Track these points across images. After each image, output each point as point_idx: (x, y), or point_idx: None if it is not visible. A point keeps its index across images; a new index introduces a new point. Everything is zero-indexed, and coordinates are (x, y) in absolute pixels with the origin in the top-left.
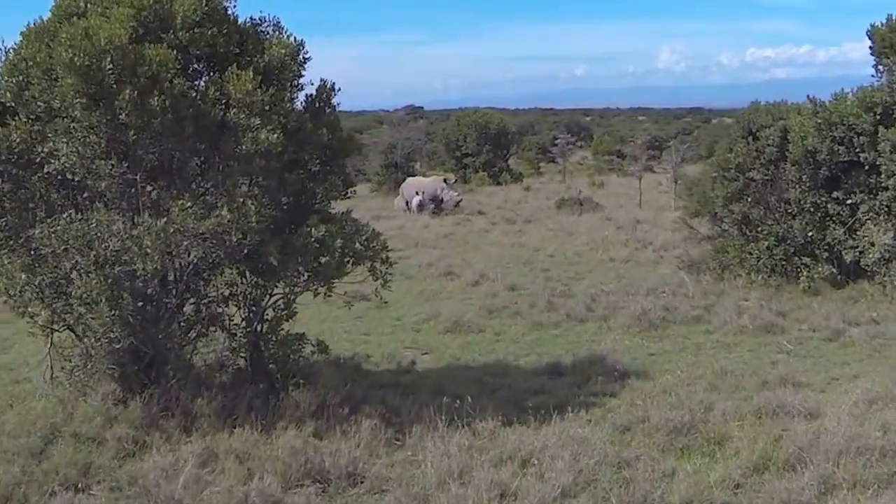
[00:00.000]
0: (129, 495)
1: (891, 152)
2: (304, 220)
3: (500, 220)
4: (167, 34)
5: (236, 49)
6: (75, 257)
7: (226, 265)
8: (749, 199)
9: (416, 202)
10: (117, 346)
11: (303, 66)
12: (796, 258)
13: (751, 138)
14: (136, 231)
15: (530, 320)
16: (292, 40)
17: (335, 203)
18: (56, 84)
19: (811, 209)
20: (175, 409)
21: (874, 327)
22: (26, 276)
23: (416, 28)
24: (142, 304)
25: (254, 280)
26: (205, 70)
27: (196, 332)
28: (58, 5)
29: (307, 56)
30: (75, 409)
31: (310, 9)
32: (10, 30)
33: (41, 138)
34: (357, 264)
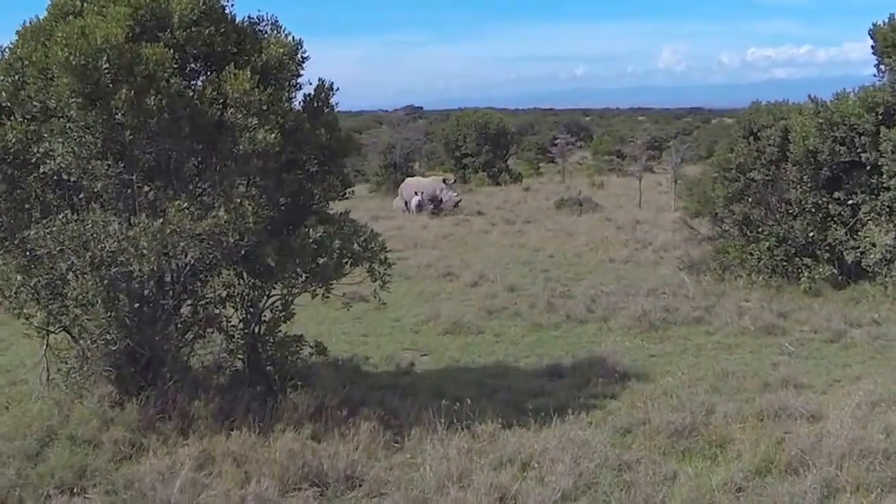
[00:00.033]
0: (125, 499)
1: (892, 152)
2: (302, 221)
3: (499, 221)
4: (164, 33)
5: (234, 48)
6: (71, 258)
7: (223, 266)
8: (750, 199)
9: (415, 202)
10: (114, 348)
11: (301, 66)
12: (797, 259)
13: (752, 138)
14: (133, 232)
15: (530, 321)
16: (290, 39)
17: (333, 204)
18: (52, 83)
19: (812, 210)
20: (172, 411)
21: (876, 328)
22: (22, 277)
23: (418, 29)
24: (138, 305)
25: (251, 281)
26: (202, 69)
27: (193, 333)
28: (54, 4)
29: (305, 55)
30: (71, 411)
31: (310, 8)
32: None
33: (37, 138)
34: (355, 265)
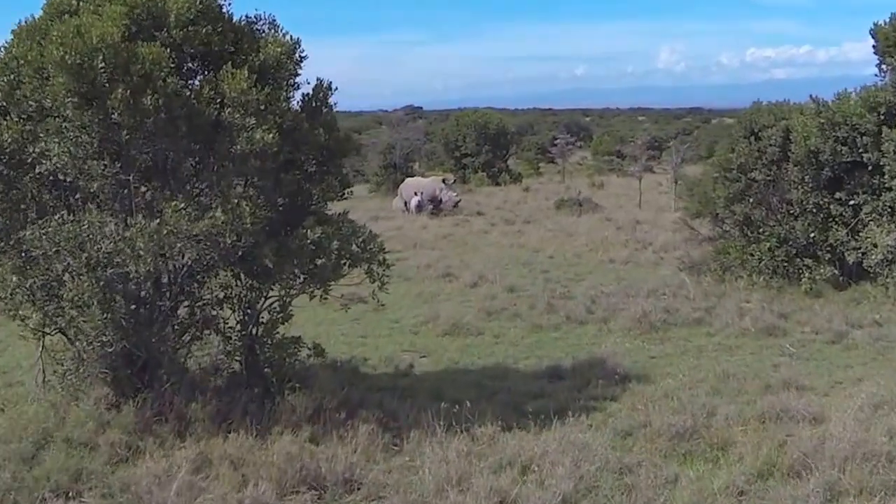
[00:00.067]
0: (121, 502)
1: (894, 153)
2: (300, 222)
3: (499, 221)
4: (161, 32)
5: (231, 47)
6: (67, 259)
7: (220, 267)
8: (751, 199)
9: (414, 203)
10: (110, 350)
11: (299, 65)
12: (798, 259)
13: (753, 138)
14: (129, 233)
15: (530, 322)
16: (288, 38)
17: (332, 204)
18: (47, 83)
19: (813, 210)
20: (169, 413)
21: (877, 329)
22: (17, 278)
23: (416, 28)
24: (135, 306)
25: (249, 282)
26: (199, 69)
27: (190, 335)
28: (50, 3)
29: (303, 55)
30: (67, 413)
31: (308, 8)
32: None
33: (33, 138)
34: (354, 266)
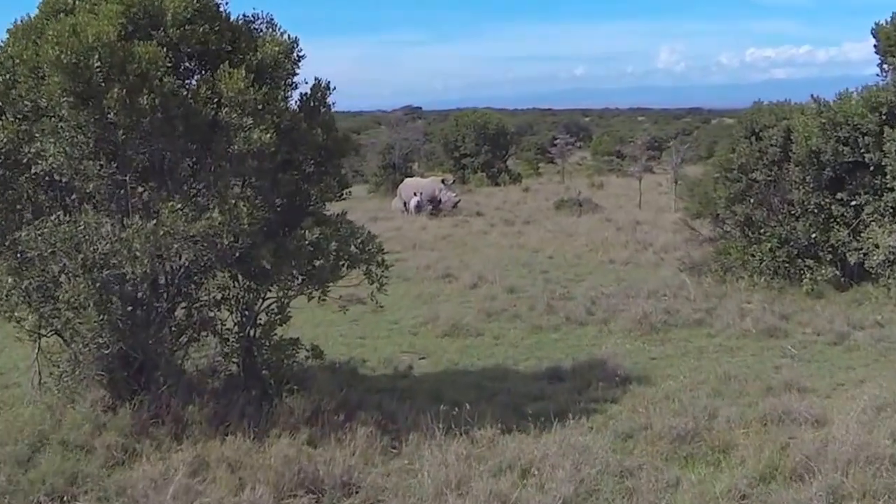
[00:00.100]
0: None
1: None
2: (298, 223)
3: (498, 222)
4: (157, 31)
5: (228, 47)
6: (63, 260)
7: (218, 268)
8: (752, 200)
9: (413, 203)
10: (106, 352)
11: (297, 65)
12: (799, 260)
13: (754, 138)
14: (126, 234)
15: (529, 323)
16: (286, 38)
17: (330, 205)
18: (43, 82)
19: (815, 210)
20: (165, 416)
21: (879, 331)
22: (13, 279)
23: (415, 28)
24: (131, 308)
25: (246, 284)
26: (196, 68)
27: (187, 336)
28: (45, 2)
29: (301, 54)
30: (63, 415)
31: (307, 8)
32: None
33: (28, 138)
34: (352, 268)
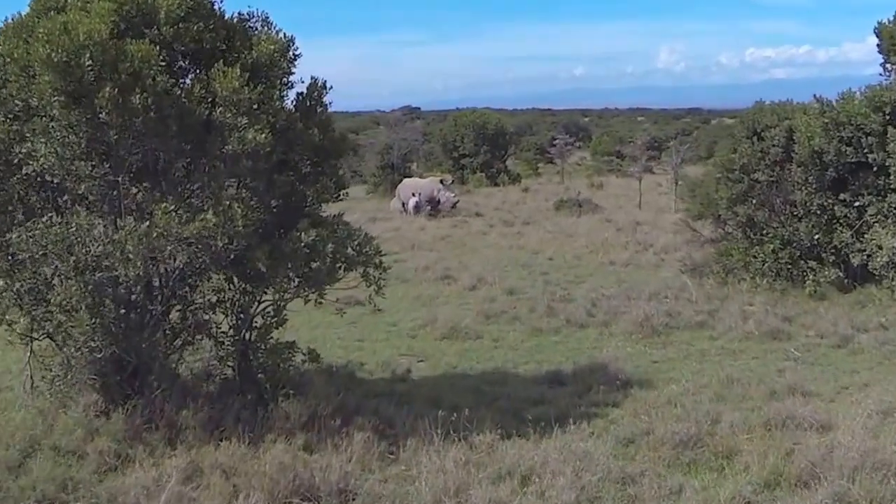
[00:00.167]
0: None
1: None
2: (294, 224)
3: (497, 222)
4: (150, 29)
5: (223, 45)
6: (55, 262)
7: (213, 271)
8: (754, 200)
9: (412, 204)
10: (99, 356)
11: (293, 63)
12: (802, 262)
13: (755, 139)
14: (118, 235)
15: (529, 326)
16: (282, 36)
17: (327, 206)
18: (34, 81)
19: (817, 211)
20: (159, 420)
21: (883, 333)
22: (4, 282)
23: (415, 28)
24: (125, 311)
25: (242, 286)
26: (190, 67)
27: (182, 340)
28: (37, 0)
29: (297, 53)
30: (56, 420)
31: (307, 7)
32: None
33: (19, 138)
34: (349, 270)
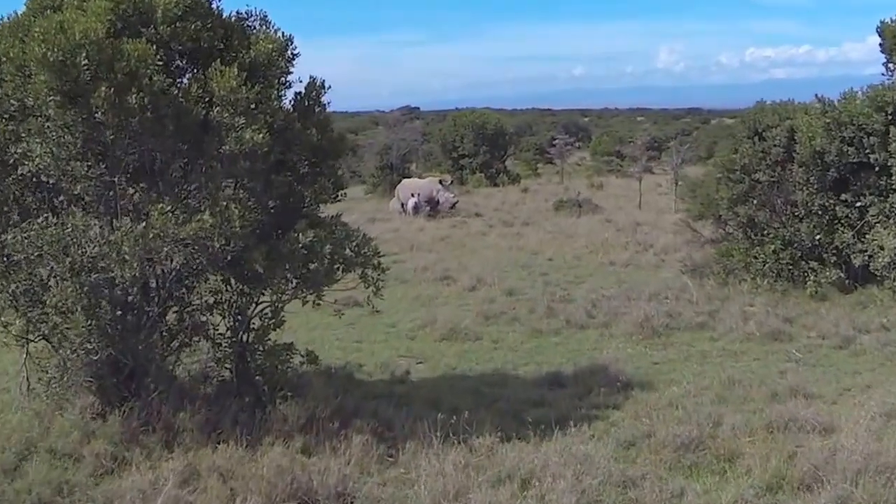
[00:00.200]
0: None
1: None
2: (292, 225)
3: (497, 223)
4: (147, 29)
5: (221, 44)
6: (50, 264)
7: (210, 272)
8: (755, 201)
9: (411, 204)
10: (95, 358)
11: (291, 63)
12: (803, 262)
13: (757, 139)
14: (114, 236)
15: (529, 327)
16: (280, 35)
17: (326, 206)
18: (29, 81)
19: (819, 212)
20: (156, 423)
21: (885, 334)
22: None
23: (415, 28)
24: (121, 312)
25: (239, 287)
26: (188, 66)
27: (179, 341)
28: None
29: (296, 52)
30: (52, 422)
31: (307, 8)
32: None
33: (15, 138)
34: (347, 271)
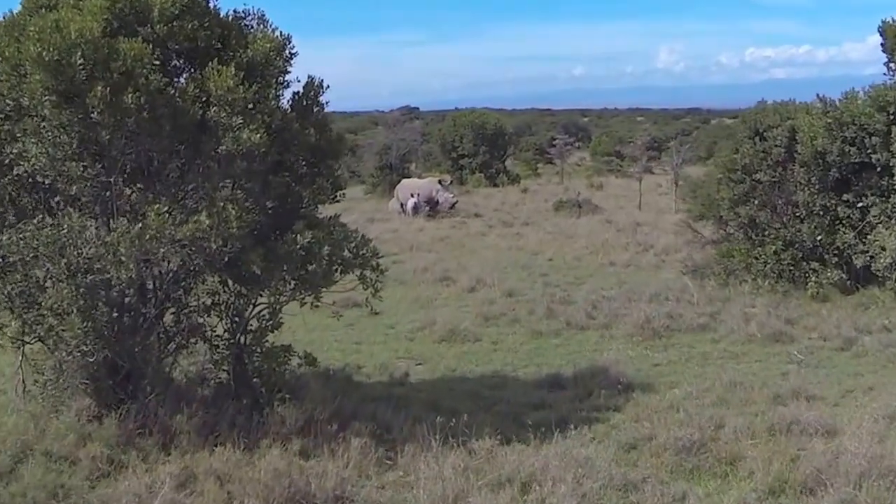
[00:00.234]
0: None
1: None
2: (290, 226)
3: (496, 223)
4: (144, 28)
5: (218, 43)
6: (46, 265)
7: (207, 273)
8: (756, 201)
9: (410, 204)
10: (91, 360)
11: (289, 62)
12: (804, 263)
13: (758, 139)
14: (111, 237)
15: (529, 328)
16: (278, 34)
17: (325, 207)
18: (25, 80)
19: (820, 212)
20: (153, 426)
21: (887, 336)
22: None
23: (415, 28)
24: (118, 314)
25: (237, 289)
26: (185, 66)
27: (176, 343)
28: None
29: (294, 51)
30: (48, 425)
31: (307, 8)
32: None
33: (10, 138)
34: (346, 272)
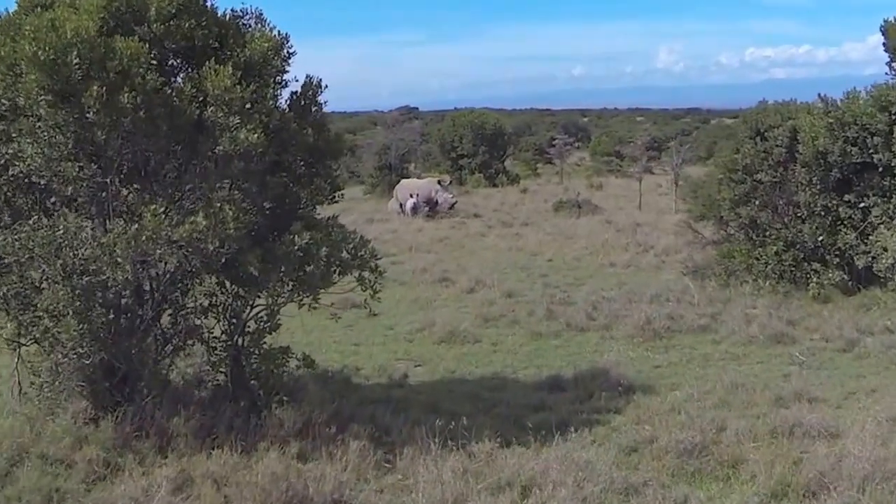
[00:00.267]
0: None
1: None
2: (288, 227)
3: (496, 224)
4: (140, 27)
5: (215, 43)
6: (42, 266)
7: (204, 274)
8: (757, 202)
9: (410, 205)
10: (87, 362)
11: (287, 62)
12: (806, 264)
13: (759, 139)
14: (107, 238)
15: (529, 330)
16: (276, 34)
17: (323, 207)
18: (20, 80)
19: (822, 213)
20: (149, 428)
21: (889, 337)
22: None
23: (414, 28)
24: (114, 316)
25: (234, 290)
26: (182, 65)
27: (173, 345)
28: None
29: (292, 51)
30: (44, 427)
31: (307, 8)
32: None
33: (6, 139)
34: (344, 274)
